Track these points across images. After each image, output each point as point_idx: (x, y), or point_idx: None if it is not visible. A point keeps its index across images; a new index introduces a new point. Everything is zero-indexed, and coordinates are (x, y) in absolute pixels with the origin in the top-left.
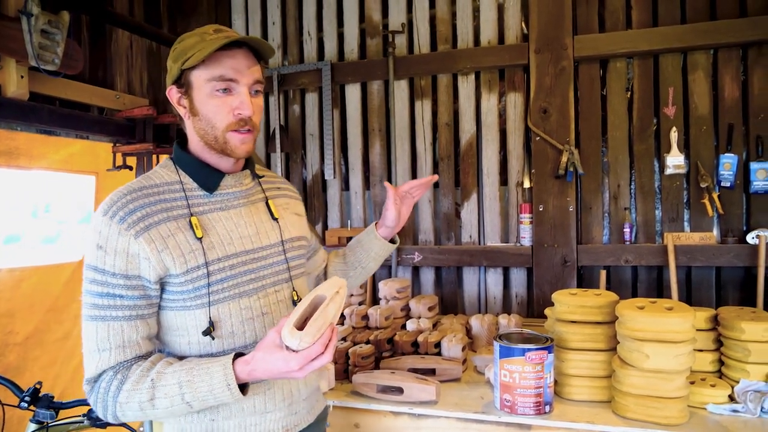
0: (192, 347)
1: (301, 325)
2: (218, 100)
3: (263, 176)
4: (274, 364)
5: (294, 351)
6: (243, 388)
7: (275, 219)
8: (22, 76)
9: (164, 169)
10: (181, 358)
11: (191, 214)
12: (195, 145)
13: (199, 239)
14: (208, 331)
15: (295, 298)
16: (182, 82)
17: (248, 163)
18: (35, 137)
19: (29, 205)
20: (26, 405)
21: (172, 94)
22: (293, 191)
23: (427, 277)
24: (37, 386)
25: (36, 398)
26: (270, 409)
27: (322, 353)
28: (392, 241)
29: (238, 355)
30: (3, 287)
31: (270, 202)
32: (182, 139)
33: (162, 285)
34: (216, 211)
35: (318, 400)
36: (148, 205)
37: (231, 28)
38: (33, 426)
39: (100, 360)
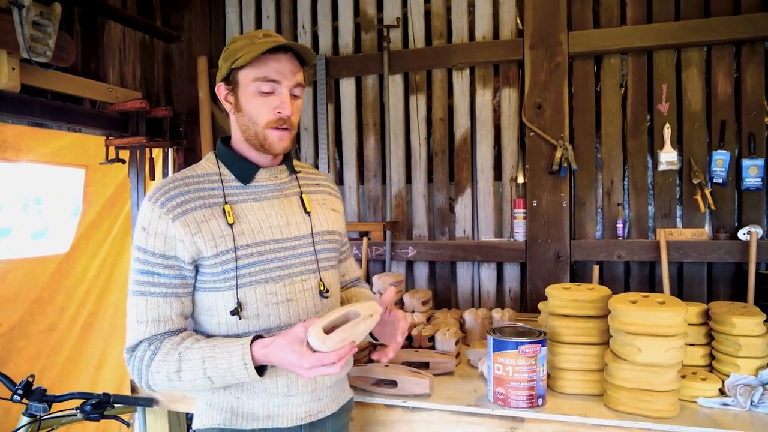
0: (221, 327)
1: (328, 330)
2: (261, 99)
3: (300, 172)
4: (289, 356)
5: (312, 351)
6: (262, 370)
7: (307, 212)
8: (13, 68)
9: (207, 162)
10: (210, 337)
11: (225, 203)
12: (237, 139)
13: (231, 225)
14: (236, 311)
15: (322, 288)
16: (230, 80)
17: (286, 159)
18: (24, 129)
19: (19, 198)
20: (19, 398)
21: (221, 90)
22: (333, 189)
23: (421, 271)
24: (30, 379)
25: (29, 391)
26: (293, 393)
27: (334, 363)
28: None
29: (259, 337)
30: None
31: (304, 196)
32: (228, 137)
33: (196, 267)
34: (249, 201)
35: (343, 391)
36: (187, 192)
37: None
38: (26, 419)
39: (137, 331)
